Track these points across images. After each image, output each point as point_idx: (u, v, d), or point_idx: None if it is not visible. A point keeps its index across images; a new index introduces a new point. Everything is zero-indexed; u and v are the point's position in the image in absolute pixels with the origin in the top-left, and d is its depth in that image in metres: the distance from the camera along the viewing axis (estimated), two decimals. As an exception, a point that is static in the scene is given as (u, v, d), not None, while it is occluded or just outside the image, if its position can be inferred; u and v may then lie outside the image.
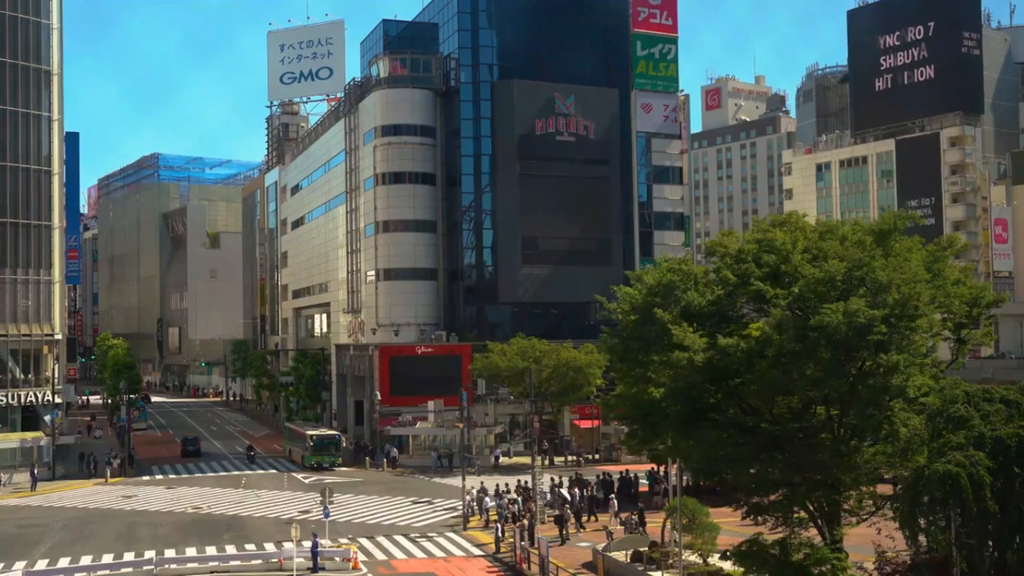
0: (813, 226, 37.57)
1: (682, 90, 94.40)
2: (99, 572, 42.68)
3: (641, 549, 41.12)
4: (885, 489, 34.03)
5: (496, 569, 43.56)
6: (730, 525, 43.64)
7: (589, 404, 77.22)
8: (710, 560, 39.13)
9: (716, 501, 44.50)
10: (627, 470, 62.25)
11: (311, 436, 74.53)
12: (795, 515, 33.55)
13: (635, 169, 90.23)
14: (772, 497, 33.85)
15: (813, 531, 33.86)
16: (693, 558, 39.24)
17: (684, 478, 45.98)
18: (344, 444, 76.91)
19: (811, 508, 33.49)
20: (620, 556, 41.30)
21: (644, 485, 59.46)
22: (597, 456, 76.42)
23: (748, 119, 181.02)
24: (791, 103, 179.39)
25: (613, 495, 52.99)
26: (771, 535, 33.50)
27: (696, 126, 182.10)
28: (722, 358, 32.44)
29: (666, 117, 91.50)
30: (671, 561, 38.86)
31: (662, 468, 57.04)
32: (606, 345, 45.83)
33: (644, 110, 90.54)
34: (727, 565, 36.65)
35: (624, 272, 57.29)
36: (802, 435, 33.08)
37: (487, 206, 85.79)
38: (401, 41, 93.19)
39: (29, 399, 75.45)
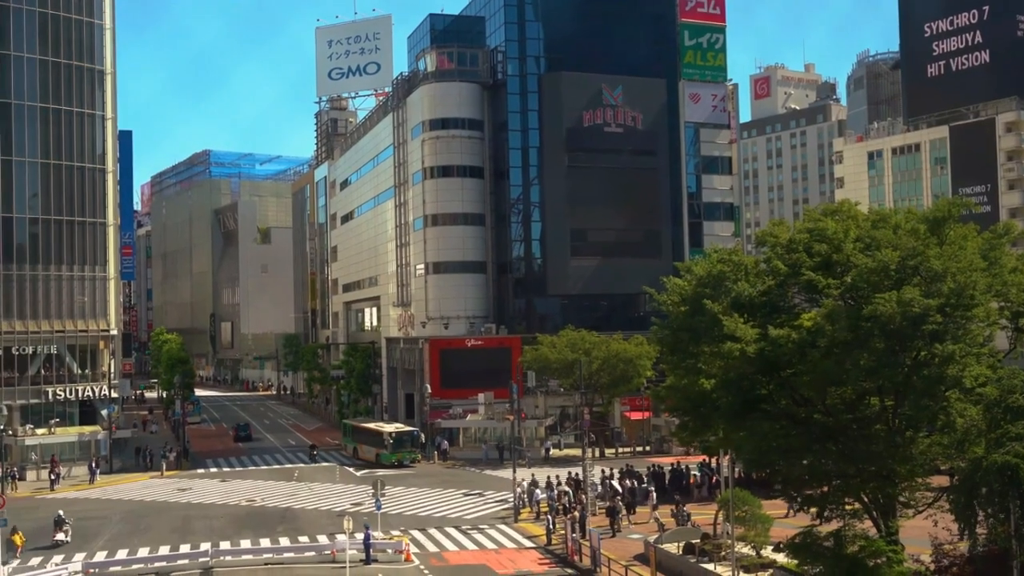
0: (865, 215, 37.09)
1: (730, 79, 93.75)
2: (156, 564, 43.30)
3: (693, 541, 40.96)
4: (941, 480, 33.53)
5: (548, 561, 43.58)
6: (783, 517, 43.40)
7: (639, 396, 77.00)
8: (763, 552, 38.86)
9: (768, 493, 44.16)
10: (678, 462, 61.97)
11: (391, 433, 72.07)
12: (849, 507, 33.21)
13: (684, 159, 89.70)
14: (825, 489, 33.54)
15: (868, 523, 33.48)
16: (746, 550, 38.97)
17: (736, 470, 45.68)
18: (423, 439, 74.92)
19: (865, 500, 33.11)
20: (672, 548, 41.15)
21: (694, 477, 59.16)
22: (648, 448, 76.18)
23: (798, 107, 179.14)
24: (841, 91, 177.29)
25: (653, 488, 52.75)
26: (825, 527, 33.19)
27: (745, 115, 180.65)
28: (773, 349, 32.18)
29: (714, 107, 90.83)
30: (724, 553, 38.64)
31: (714, 460, 56.72)
32: (656, 336, 45.63)
33: (692, 100, 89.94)
34: (780, 557, 36.40)
35: (673, 263, 56.97)
36: (856, 426, 32.71)
37: (535, 198, 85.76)
38: (448, 35, 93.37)
39: (86, 394, 76.77)
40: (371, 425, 77.17)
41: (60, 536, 48.51)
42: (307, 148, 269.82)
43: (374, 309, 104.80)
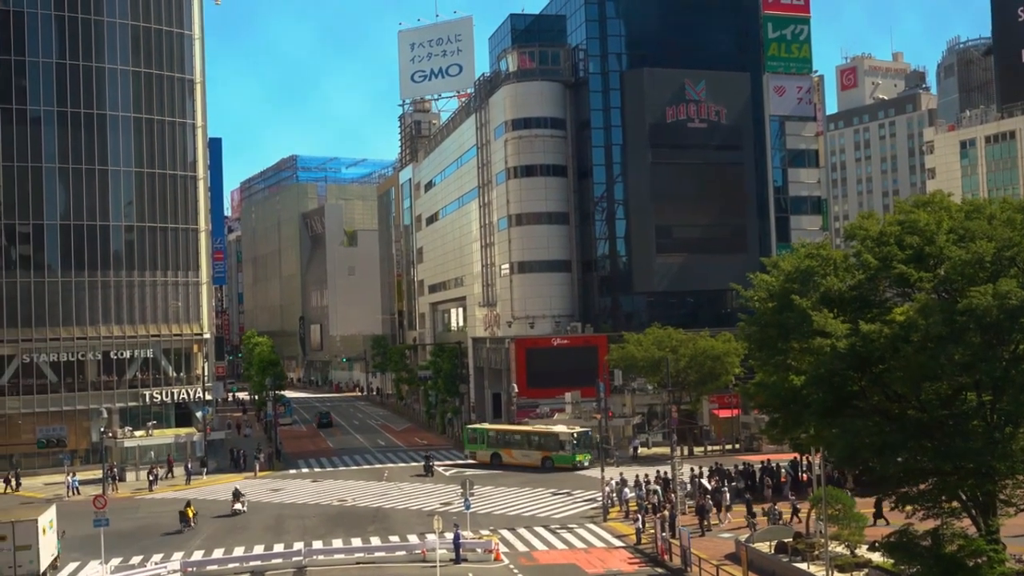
0: (958, 205, 36.18)
1: (816, 71, 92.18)
2: (251, 563, 44.13)
3: (785, 540, 40.42)
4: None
5: (637, 560, 43.37)
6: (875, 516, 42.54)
7: (728, 393, 76.22)
8: (858, 552, 38.17)
9: (861, 491, 43.38)
10: (768, 460, 61.21)
11: (573, 434, 67.82)
12: (947, 505, 32.43)
13: (769, 153, 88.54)
14: (922, 486, 32.80)
15: (967, 522, 32.67)
16: (840, 549, 38.33)
17: (828, 467, 44.96)
18: (597, 439, 68.32)
19: (963, 498, 32.31)
20: (764, 547, 40.65)
21: (785, 474, 58.35)
22: (737, 446, 75.38)
23: (886, 98, 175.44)
24: (931, 79, 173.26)
25: (726, 487, 52.09)
26: (922, 526, 32.47)
27: (832, 107, 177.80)
28: (865, 344, 31.58)
29: (800, 99, 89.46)
30: (817, 552, 38.06)
31: (805, 458, 55.86)
32: (743, 333, 45.14)
33: (777, 93, 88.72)
34: (876, 556, 35.70)
35: (760, 259, 56.29)
36: (952, 422, 31.90)
37: (619, 196, 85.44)
38: (529, 34, 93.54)
39: (181, 396, 78.71)
40: (532, 427, 71.86)
41: (238, 506, 56.10)
42: (392, 151, 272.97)
43: (460, 309, 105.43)
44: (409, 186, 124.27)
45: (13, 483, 67.32)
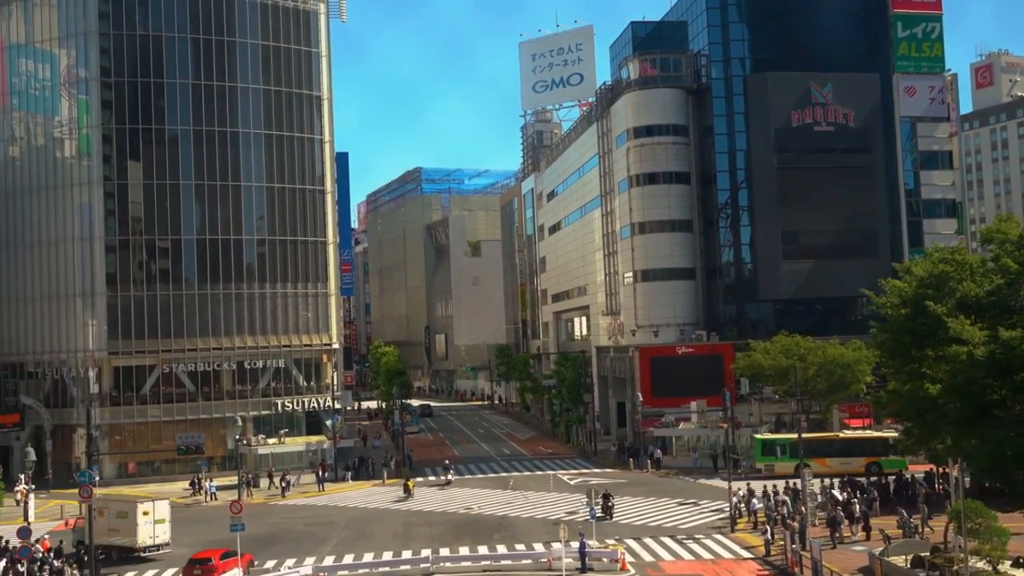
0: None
1: (948, 69, 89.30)
2: (380, 569, 44.92)
3: (922, 554, 39.16)
4: None
5: (766, 572, 42.68)
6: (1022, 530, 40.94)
7: (859, 402, 74.35)
8: (1000, 567, 36.72)
9: (1003, 504, 41.75)
10: (831, 474, 59.49)
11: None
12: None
13: (900, 156, 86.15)
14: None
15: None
16: (981, 564, 36.94)
17: (966, 479, 43.45)
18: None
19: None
20: (899, 561, 39.44)
21: (922, 486, 56.55)
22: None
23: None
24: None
25: (855, 499, 50.64)
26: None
27: (966, 106, 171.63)
28: (1005, 351, 30.52)
29: (932, 99, 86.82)
30: (956, 568, 36.77)
31: (941, 469, 54.12)
32: (875, 340, 44.16)
33: (907, 94, 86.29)
34: (1021, 573, 34.32)
35: (892, 264, 54.94)
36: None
37: (744, 202, 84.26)
38: (650, 42, 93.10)
39: (311, 405, 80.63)
40: (853, 434, 68.75)
41: (449, 476, 69.29)
42: (514, 161, 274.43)
43: (583, 318, 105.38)
44: (531, 196, 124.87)
45: (204, 487, 68.75)
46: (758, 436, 69.29)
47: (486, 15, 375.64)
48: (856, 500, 50.42)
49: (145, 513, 49.97)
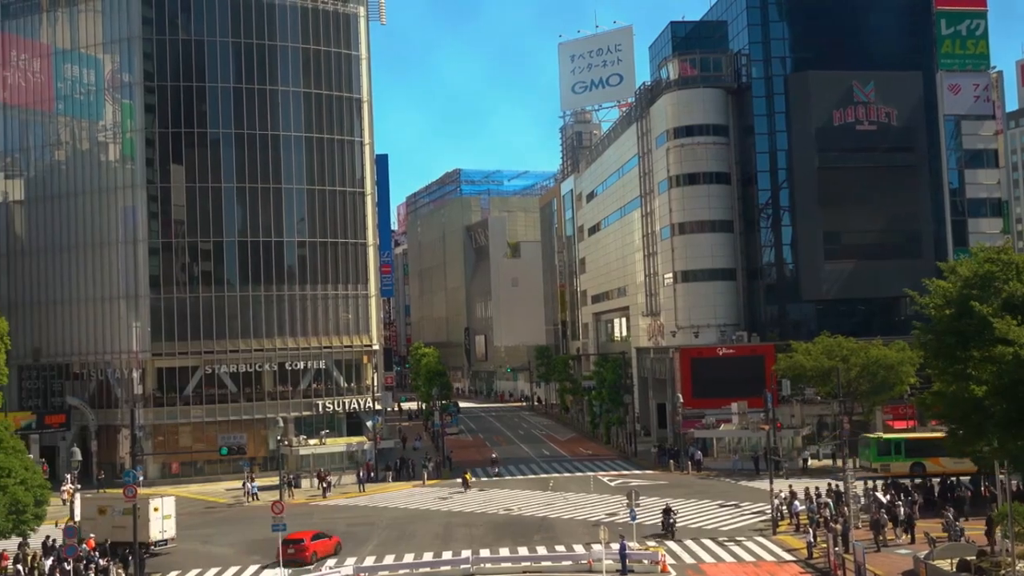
0: None
1: (994, 66, 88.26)
2: (421, 569, 45.05)
3: (968, 558, 38.68)
4: None
5: (808, 575, 42.30)
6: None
7: (903, 404, 73.61)
8: (1048, 571, 36.22)
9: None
10: (946, 474, 58.73)
11: None
12: None
13: (944, 154, 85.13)
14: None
15: None
16: (1027, 568, 36.44)
17: (1013, 482, 42.88)
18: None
19: None
20: (944, 565, 38.98)
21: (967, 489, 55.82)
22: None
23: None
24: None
25: (901, 502, 50.02)
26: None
27: (1012, 103, 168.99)
28: (1053, 353, 30.07)
29: (976, 97, 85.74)
30: (1003, 572, 36.29)
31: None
32: (919, 341, 43.66)
33: (952, 91, 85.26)
34: (1068, 577, 33.82)
35: (936, 264, 54.24)
36: None
37: (785, 202, 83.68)
38: (689, 41, 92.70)
39: (352, 406, 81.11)
40: None
41: (494, 455, 74.50)
42: (553, 162, 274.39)
43: (623, 319, 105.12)
44: (571, 197, 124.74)
45: (246, 487, 69.12)
46: (874, 436, 67.59)
47: (527, 17, 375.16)
48: (900, 503, 49.86)
49: (155, 509, 51.12)
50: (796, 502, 52.77)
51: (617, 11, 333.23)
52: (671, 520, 50.12)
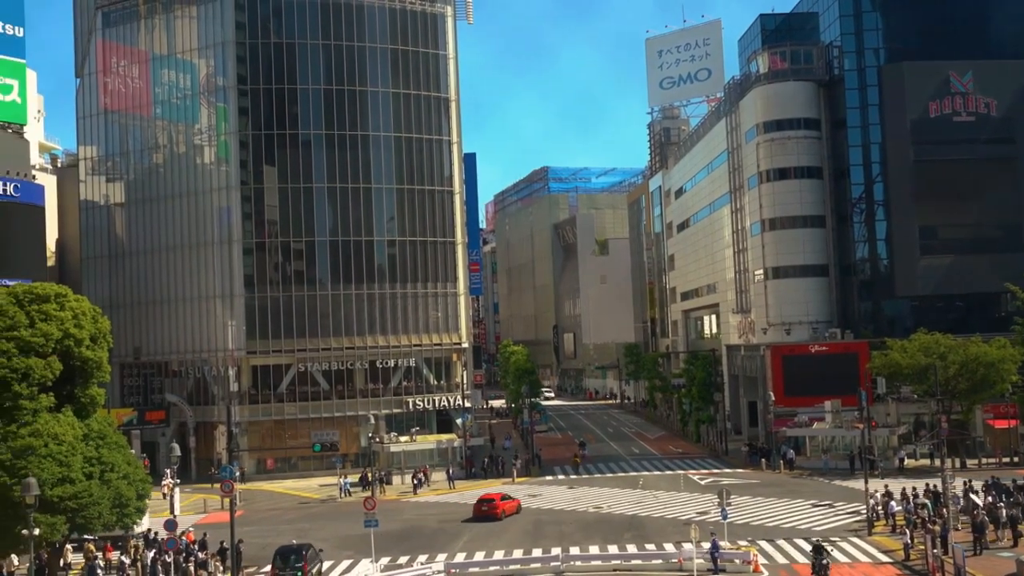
0: None
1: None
2: (510, 567, 45.23)
3: (1073, 561, 37.51)
4: None
5: (906, 577, 41.49)
6: None
7: (1004, 402, 71.60)
8: None
9: None
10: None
11: None
12: None
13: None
14: None
15: None
16: None
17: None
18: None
19: None
20: (1048, 568, 37.89)
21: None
22: (1015, 459, 70.61)
23: None
24: None
25: (1001, 504, 48.55)
26: None
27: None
28: None
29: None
30: (1110, 575, 35.13)
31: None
32: (1020, 338, 42.40)
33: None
34: None
35: (1039, 258, 52.83)
36: None
37: (879, 196, 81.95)
38: (779, 34, 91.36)
39: (442, 403, 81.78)
40: None
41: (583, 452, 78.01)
42: (640, 159, 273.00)
43: (713, 316, 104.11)
44: (659, 193, 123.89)
45: (339, 483, 69.79)
46: None
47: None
48: (1002, 504, 48.56)
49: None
50: (892, 502, 51.76)
51: (706, 5, 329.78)
52: (824, 561, 40.52)
